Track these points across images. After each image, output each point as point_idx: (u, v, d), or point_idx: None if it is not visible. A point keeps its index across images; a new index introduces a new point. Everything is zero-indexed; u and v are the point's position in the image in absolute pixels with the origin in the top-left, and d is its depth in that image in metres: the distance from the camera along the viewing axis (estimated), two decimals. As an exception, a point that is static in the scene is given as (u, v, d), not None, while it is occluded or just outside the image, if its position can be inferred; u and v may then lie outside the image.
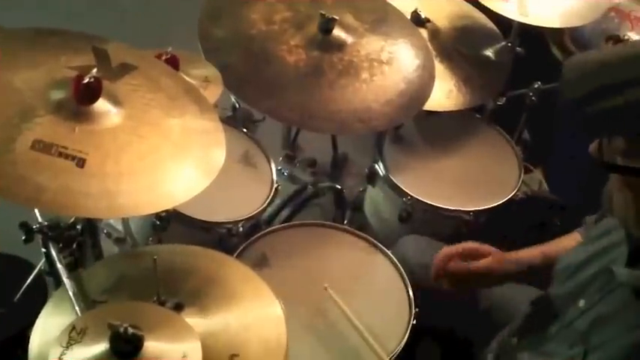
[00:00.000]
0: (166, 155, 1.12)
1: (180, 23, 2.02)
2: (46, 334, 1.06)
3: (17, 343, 1.08)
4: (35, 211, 1.21)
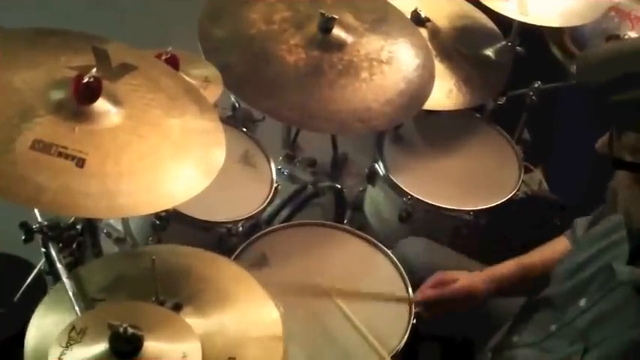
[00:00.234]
0: (166, 155, 1.12)
1: (180, 23, 2.02)
2: (41, 331, 1.06)
3: (17, 343, 1.08)
4: (35, 211, 1.21)
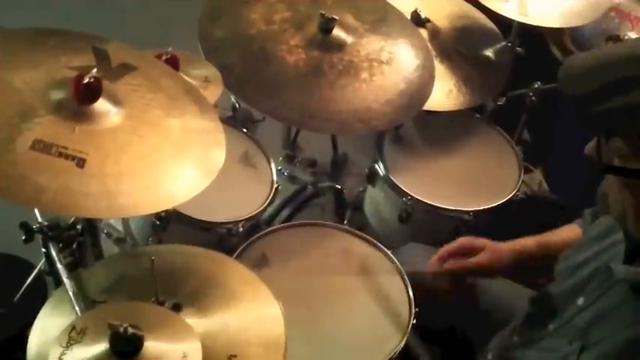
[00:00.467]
0: (166, 155, 1.12)
1: (180, 23, 2.02)
2: (45, 334, 1.06)
3: (17, 343, 1.08)
4: (35, 211, 1.21)
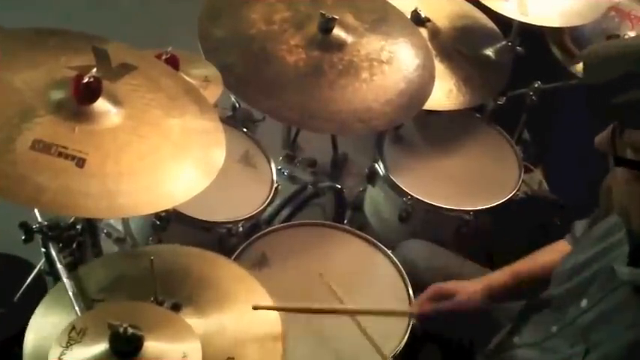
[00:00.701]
0: (166, 155, 1.12)
1: (180, 23, 2.02)
2: (41, 332, 1.06)
3: (17, 343, 1.09)
4: (35, 211, 1.21)
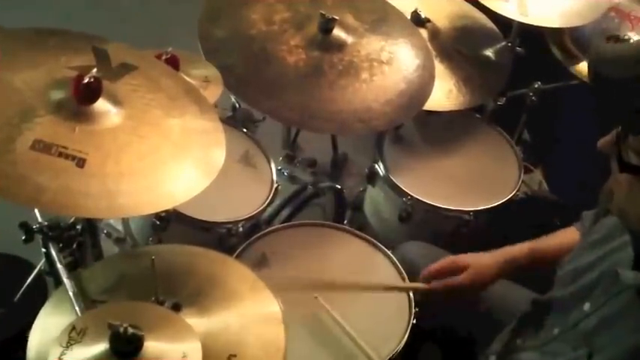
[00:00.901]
0: (166, 155, 1.12)
1: (180, 23, 2.02)
2: (45, 334, 1.05)
3: (17, 344, 1.09)
4: (35, 211, 1.21)
